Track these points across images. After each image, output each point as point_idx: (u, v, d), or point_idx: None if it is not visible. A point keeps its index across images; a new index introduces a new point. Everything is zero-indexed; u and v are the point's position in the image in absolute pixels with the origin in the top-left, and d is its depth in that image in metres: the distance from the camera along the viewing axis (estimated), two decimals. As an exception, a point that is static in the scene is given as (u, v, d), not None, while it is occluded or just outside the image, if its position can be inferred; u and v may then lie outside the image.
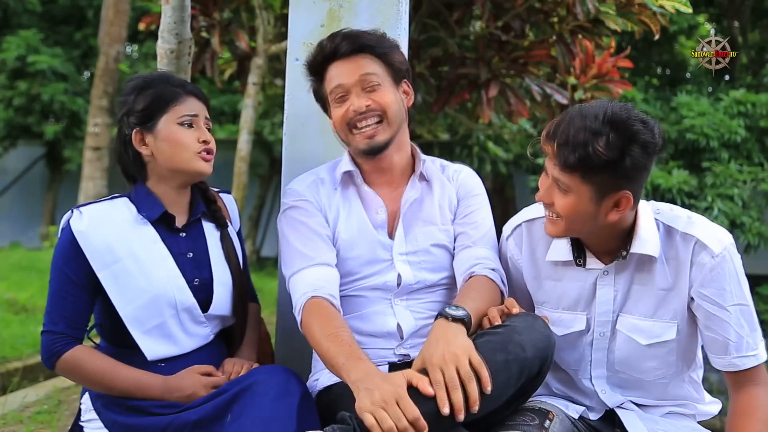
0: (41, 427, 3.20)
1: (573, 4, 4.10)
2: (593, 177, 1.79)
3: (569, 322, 2.06)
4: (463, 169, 2.32)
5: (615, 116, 1.77)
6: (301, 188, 2.21)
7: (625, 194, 1.83)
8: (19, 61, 13.25)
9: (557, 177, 1.84)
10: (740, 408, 1.93)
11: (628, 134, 1.75)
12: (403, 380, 1.71)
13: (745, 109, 10.10)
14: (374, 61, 2.12)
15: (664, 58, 13.24)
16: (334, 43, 2.12)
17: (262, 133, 11.71)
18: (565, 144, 1.78)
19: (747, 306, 1.92)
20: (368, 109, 2.09)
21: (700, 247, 1.90)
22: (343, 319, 1.96)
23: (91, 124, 10.32)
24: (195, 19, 4.91)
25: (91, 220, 2.01)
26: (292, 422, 1.79)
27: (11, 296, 6.47)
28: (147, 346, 2.01)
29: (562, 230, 1.93)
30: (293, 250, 2.11)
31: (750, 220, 9.44)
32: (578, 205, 1.85)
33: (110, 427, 1.99)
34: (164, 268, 2.04)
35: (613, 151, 1.74)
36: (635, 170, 1.79)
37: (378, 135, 2.11)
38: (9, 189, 15.27)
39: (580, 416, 2.04)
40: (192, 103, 2.10)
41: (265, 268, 11.58)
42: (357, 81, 2.10)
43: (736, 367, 1.93)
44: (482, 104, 4.79)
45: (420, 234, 2.16)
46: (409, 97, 2.21)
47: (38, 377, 4.48)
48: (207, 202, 2.21)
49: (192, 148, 2.07)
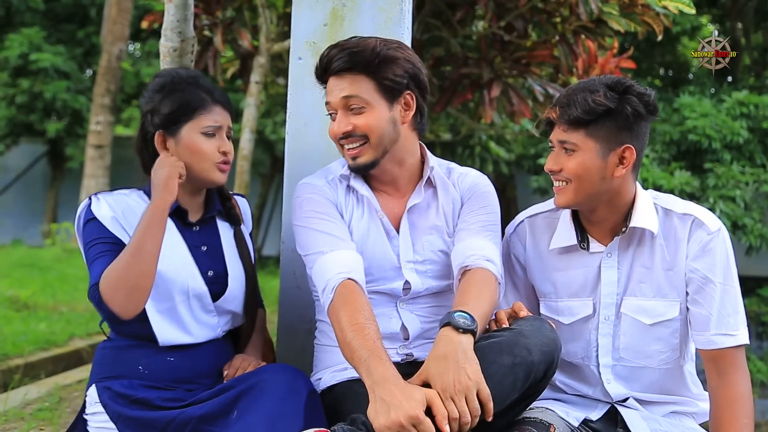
0: (42, 425, 3.20)
1: (576, 5, 4.10)
2: (597, 130, 1.95)
3: (576, 309, 2.11)
4: (469, 173, 2.26)
5: (609, 78, 1.99)
6: (319, 183, 2.17)
7: (628, 147, 1.96)
8: (22, 59, 13.24)
9: (564, 139, 1.98)
10: (722, 400, 1.96)
11: (623, 88, 1.95)
12: (422, 399, 1.68)
13: (748, 111, 10.07)
14: (365, 79, 2.04)
15: (666, 59, 13.22)
16: (329, 56, 2.07)
17: (264, 132, 11.71)
18: (568, 104, 1.96)
19: (733, 287, 2.00)
20: (348, 133, 2.06)
21: (697, 225, 2.01)
22: (372, 311, 1.91)
23: (93, 122, 10.35)
24: (198, 17, 4.91)
25: (110, 206, 2.06)
26: (299, 420, 1.80)
27: (13, 293, 6.48)
28: (159, 328, 2.04)
29: (572, 196, 2.00)
30: (317, 234, 2.07)
31: (752, 222, 9.43)
32: (586, 162, 1.96)
33: (116, 420, 2.00)
34: (178, 255, 2.07)
35: (611, 100, 1.93)
36: (636, 119, 1.95)
37: (361, 156, 2.08)
38: (11, 186, 15.28)
39: (582, 422, 2.05)
40: (218, 113, 2.11)
41: (267, 267, 11.58)
42: (340, 102, 2.06)
43: (715, 345, 1.97)
44: (484, 104, 4.79)
45: (426, 242, 2.14)
46: (409, 109, 2.11)
47: (39, 374, 4.48)
48: (222, 199, 2.24)
49: (212, 158, 2.09)
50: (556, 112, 1.99)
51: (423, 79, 2.13)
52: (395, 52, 2.07)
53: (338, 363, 2.05)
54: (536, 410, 1.99)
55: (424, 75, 2.13)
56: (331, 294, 1.94)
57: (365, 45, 2.06)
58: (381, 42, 2.08)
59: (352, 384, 1.88)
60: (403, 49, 2.10)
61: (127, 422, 1.98)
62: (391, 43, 2.09)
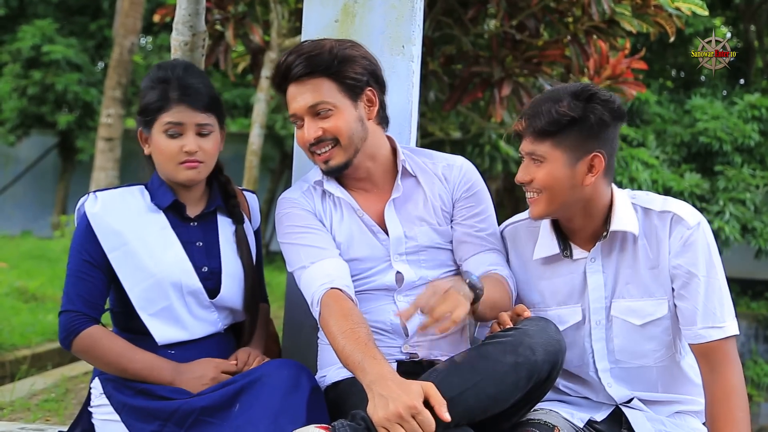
0: (48, 415, 3.22)
1: (588, 5, 4.08)
2: (563, 140, 1.94)
3: (565, 317, 2.10)
4: (455, 163, 2.25)
5: (572, 87, 1.99)
6: (295, 196, 2.19)
7: (596, 155, 1.96)
8: (34, 51, 13.26)
9: (531, 150, 1.98)
10: (717, 394, 1.96)
11: (586, 95, 1.95)
12: (419, 391, 1.69)
13: (760, 114, 10.03)
14: (327, 81, 2.05)
15: (678, 61, 13.16)
16: (287, 62, 2.07)
17: (274, 127, 11.70)
18: (533, 115, 1.96)
19: (717, 279, 1.99)
20: (320, 138, 2.06)
21: (676, 221, 2.00)
22: (360, 313, 1.94)
23: (104, 115, 10.37)
24: (209, 11, 4.91)
25: (104, 204, 2.07)
26: (302, 416, 1.81)
27: (21, 284, 6.51)
28: (156, 329, 2.05)
29: (544, 207, 2.01)
30: (299, 248, 2.09)
31: (762, 225, 9.40)
32: (554, 172, 1.96)
33: (120, 410, 2.02)
34: (171, 252, 2.07)
35: (575, 110, 1.92)
36: (600, 127, 1.94)
37: (333, 159, 2.09)
38: (21, 178, 15.33)
39: (586, 422, 2.04)
40: (180, 111, 2.06)
41: (274, 262, 11.60)
42: (307, 110, 2.06)
43: (703, 338, 1.97)
44: (495, 103, 4.77)
45: (419, 233, 2.15)
46: (372, 105, 2.13)
47: (46, 365, 4.51)
48: (226, 196, 2.23)
49: (174, 158, 2.07)
50: (523, 123, 1.99)
51: (380, 75, 2.16)
52: (351, 50, 2.10)
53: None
54: (540, 412, 1.99)
55: (380, 70, 2.16)
56: (317, 307, 1.97)
57: (321, 47, 2.07)
58: (336, 42, 2.10)
59: (355, 380, 1.89)
60: (357, 48, 2.13)
61: (131, 412, 1.99)
62: (345, 42, 2.12)
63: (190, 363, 2.04)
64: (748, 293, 11.23)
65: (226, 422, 1.86)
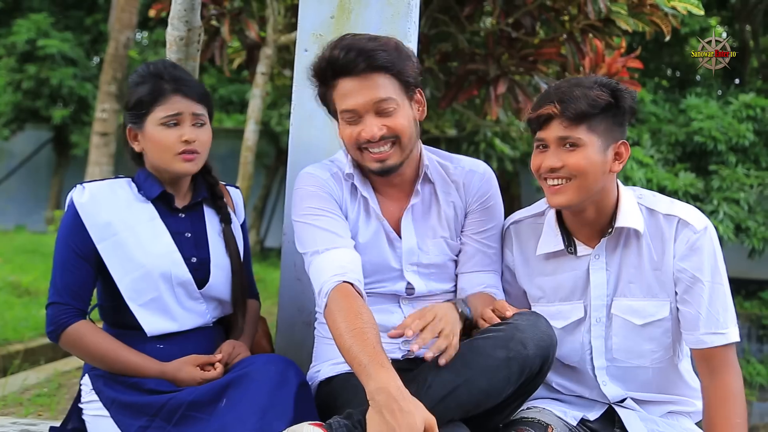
0: (41, 410, 3.22)
1: (584, 3, 4.08)
2: (598, 125, 1.94)
3: (567, 313, 2.10)
4: (477, 170, 2.22)
5: (592, 77, 2.01)
6: (324, 176, 2.13)
7: (623, 143, 1.99)
8: (29, 45, 13.24)
9: (565, 135, 1.94)
10: (715, 399, 1.96)
11: (612, 85, 1.97)
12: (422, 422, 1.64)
13: (754, 113, 10.06)
14: (389, 80, 1.99)
15: (674, 60, 13.19)
16: (348, 58, 1.97)
17: (270, 123, 11.70)
18: (567, 100, 1.93)
19: (721, 285, 1.98)
20: (382, 136, 2.00)
21: (683, 225, 2.00)
22: (370, 312, 1.87)
23: (99, 110, 10.33)
24: (205, 7, 4.90)
25: (93, 195, 2.08)
26: (289, 411, 1.81)
27: (15, 279, 6.49)
28: (145, 320, 2.05)
29: (572, 194, 1.97)
30: (315, 230, 2.03)
31: (755, 225, 9.43)
32: (590, 156, 1.94)
33: (109, 407, 2.02)
34: (161, 243, 2.08)
35: (608, 96, 1.94)
36: (627, 115, 1.98)
37: (390, 159, 2.03)
38: (15, 172, 15.29)
39: (579, 421, 2.05)
40: (177, 101, 2.07)
41: (269, 258, 11.59)
42: (372, 106, 1.99)
43: (704, 344, 1.97)
44: (490, 101, 4.77)
45: (431, 245, 2.14)
46: (421, 106, 2.11)
47: (39, 360, 4.50)
48: (213, 196, 2.23)
49: (172, 149, 2.08)
50: (557, 107, 1.94)
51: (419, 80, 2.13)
52: (407, 49, 2.07)
53: (338, 356, 2.02)
54: (534, 410, 2.00)
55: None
56: (325, 298, 1.90)
57: (385, 44, 2.01)
58: (396, 40, 2.07)
59: (349, 376, 1.88)
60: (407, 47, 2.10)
61: (120, 407, 2.00)
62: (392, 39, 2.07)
63: (176, 367, 2.02)
64: (742, 293, 11.26)
65: (213, 417, 1.86)
